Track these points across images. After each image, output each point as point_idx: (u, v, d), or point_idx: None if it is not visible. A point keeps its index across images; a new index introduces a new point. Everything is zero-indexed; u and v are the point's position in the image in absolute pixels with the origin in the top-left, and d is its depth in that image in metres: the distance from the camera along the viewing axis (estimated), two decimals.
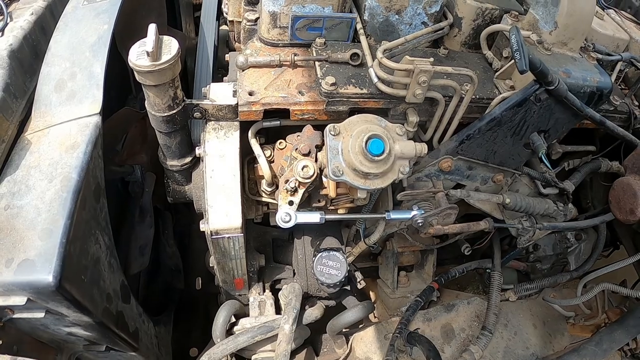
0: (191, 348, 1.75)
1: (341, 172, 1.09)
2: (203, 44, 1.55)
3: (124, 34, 1.44)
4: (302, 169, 1.15)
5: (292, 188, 1.16)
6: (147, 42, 1.13)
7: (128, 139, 1.41)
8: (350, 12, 1.32)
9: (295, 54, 1.26)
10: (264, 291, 1.43)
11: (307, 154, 1.18)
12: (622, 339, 1.43)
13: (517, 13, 1.39)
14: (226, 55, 1.53)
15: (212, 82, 1.39)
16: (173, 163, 1.30)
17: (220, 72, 1.67)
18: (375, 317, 1.73)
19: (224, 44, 1.78)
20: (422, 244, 1.52)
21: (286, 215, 1.14)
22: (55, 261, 1.00)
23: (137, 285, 1.53)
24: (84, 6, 1.38)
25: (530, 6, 1.38)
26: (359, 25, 1.30)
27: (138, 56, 1.13)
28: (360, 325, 1.53)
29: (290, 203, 1.17)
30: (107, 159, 1.31)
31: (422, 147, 1.15)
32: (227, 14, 1.59)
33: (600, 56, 1.45)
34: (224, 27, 1.77)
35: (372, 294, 1.81)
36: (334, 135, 1.10)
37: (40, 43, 1.36)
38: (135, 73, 1.14)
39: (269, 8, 1.26)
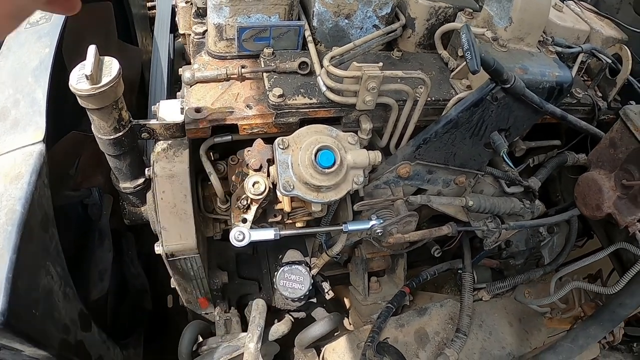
0: None
1: (292, 187, 1.06)
2: (157, 58, 1.52)
3: (73, 52, 1.40)
4: (253, 185, 1.12)
5: (245, 205, 1.14)
6: (86, 65, 1.09)
7: (81, 162, 1.38)
8: (299, 19, 1.28)
9: (242, 66, 1.22)
10: (230, 309, 1.40)
11: (259, 169, 1.15)
12: (597, 334, 1.41)
13: (471, 10, 1.36)
14: (179, 69, 1.49)
15: (168, 96, 1.35)
16: (126, 185, 1.27)
17: (177, 85, 1.64)
18: (350, 324, 1.71)
19: (181, 57, 1.74)
20: (390, 249, 1.49)
21: (239, 233, 1.12)
22: (1, 297, 0.97)
23: (104, 310, 1.50)
24: (26, 29, 1.34)
25: (484, 3, 1.35)
26: (307, 33, 1.27)
27: (78, 80, 1.10)
28: (336, 334, 1.51)
29: (244, 221, 1.14)
30: (60, 184, 1.27)
31: (376, 155, 1.13)
32: (179, 26, 1.55)
33: (560, 49, 1.42)
34: (179, 39, 1.73)
35: (346, 301, 1.79)
36: (282, 148, 1.07)
37: None
38: (77, 97, 1.11)
39: (214, 20, 1.23)
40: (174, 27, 1.67)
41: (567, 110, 1.34)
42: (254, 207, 1.14)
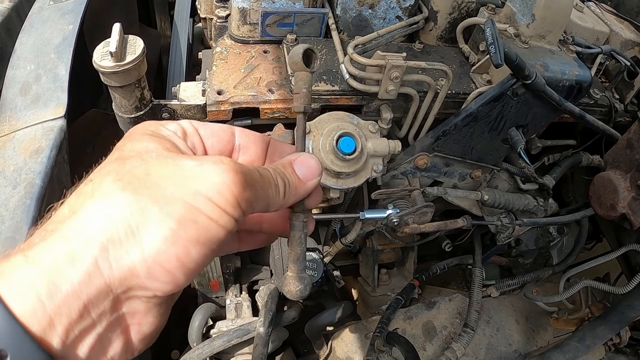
0: (172, 351, 1.73)
1: None
2: (176, 42, 1.52)
3: (94, 33, 1.40)
4: None
5: None
6: (111, 42, 1.10)
7: (99, 141, 1.38)
8: (323, 7, 1.28)
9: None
10: (241, 293, 1.40)
11: None
12: (605, 335, 1.41)
13: (494, 6, 1.36)
14: (199, 53, 1.49)
15: (186, 80, 1.36)
16: None
17: (195, 69, 1.64)
18: (358, 314, 1.71)
19: (199, 42, 1.75)
20: (402, 241, 1.49)
21: None
22: None
23: None
24: (50, 6, 1.35)
25: None
26: (331, 21, 1.27)
27: (102, 57, 1.10)
28: (347, 324, 1.51)
29: None
30: (78, 162, 1.27)
31: (396, 144, 1.13)
32: (200, 10, 1.55)
33: (579, 49, 1.42)
34: (198, 24, 1.73)
35: (354, 292, 1.79)
36: None
37: (6, 45, 1.33)
38: (100, 74, 1.11)
39: (239, 4, 1.23)
40: (193, 12, 1.67)
41: (584, 110, 1.34)
42: None
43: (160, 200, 0.39)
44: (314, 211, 1.27)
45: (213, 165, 0.42)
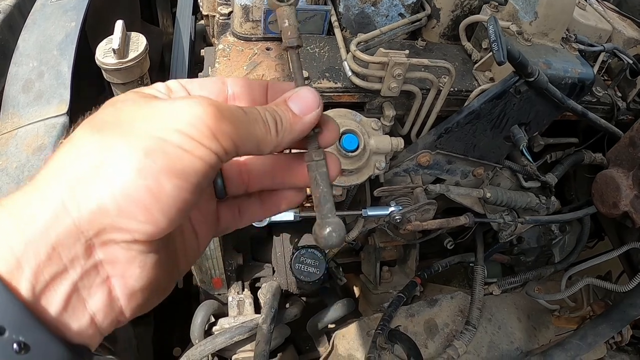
0: (174, 348, 1.73)
1: None
2: (178, 39, 1.52)
3: (96, 30, 1.40)
4: None
5: None
6: (114, 40, 1.10)
7: None
8: (325, 4, 1.28)
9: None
10: (243, 290, 1.41)
11: None
12: (606, 333, 1.41)
13: (496, 3, 1.36)
14: (202, 51, 1.49)
15: (188, 77, 1.36)
16: None
17: (197, 67, 1.64)
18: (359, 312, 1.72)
19: (202, 39, 1.75)
20: (404, 239, 1.50)
21: None
22: None
23: None
24: (52, 3, 1.34)
25: None
26: (333, 18, 1.27)
27: (105, 54, 1.11)
28: (348, 321, 1.52)
29: None
30: None
31: (399, 142, 1.13)
32: (202, 8, 1.55)
33: (582, 47, 1.42)
34: (200, 22, 1.73)
35: (355, 290, 1.79)
36: None
37: (9, 42, 1.33)
38: (102, 71, 1.11)
39: (241, 1, 1.23)
40: (195, 9, 1.67)
41: (586, 108, 1.34)
42: None
43: (128, 136, 0.37)
44: None
45: (185, 101, 0.39)
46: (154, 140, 0.37)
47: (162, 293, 0.46)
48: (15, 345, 0.33)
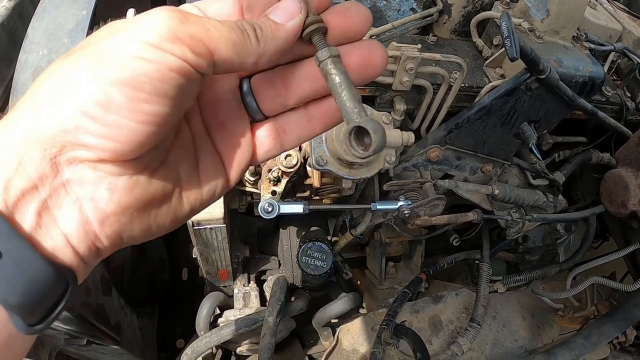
0: (178, 340, 1.73)
1: (325, 162, 1.06)
2: None
3: (106, 19, 1.40)
4: (285, 158, 1.12)
5: (275, 178, 1.14)
6: None
7: None
8: None
9: None
10: (249, 282, 1.40)
11: None
12: (611, 333, 1.41)
13: (508, 0, 1.36)
14: None
15: None
16: None
17: None
18: (363, 308, 1.71)
19: None
20: (411, 234, 1.49)
21: (269, 205, 1.11)
22: None
23: (120, 278, 1.50)
24: None
25: None
26: None
27: None
28: (353, 316, 1.51)
29: (273, 193, 1.14)
30: None
31: (409, 136, 1.13)
32: None
33: (592, 46, 1.42)
34: None
35: (360, 285, 1.79)
36: None
37: (18, 29, 1.33)
38: None
39: None
40: None
41: (596, 107, 1.34)
42: (284, 180, 1.15)
43: (88, 54, 0.37)
44: (326, 201, 1.27)
45: (150, 11, 0.37)
46: (106, 50, 0.36)
47: (155, 228, 0.43)
48: None
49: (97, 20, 1.36)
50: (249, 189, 1.29)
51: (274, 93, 0.47)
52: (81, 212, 0.38)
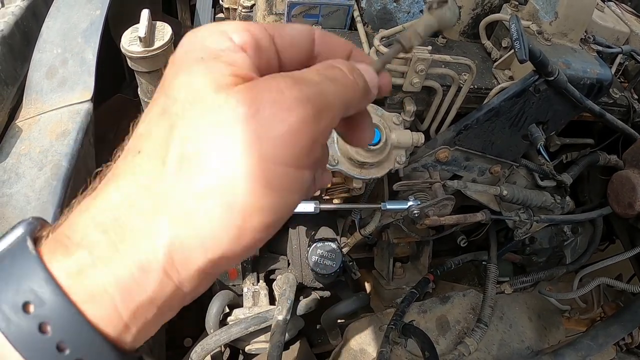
0: (185, 338, 1.74)
1: (336, 161, 1.07)
2: None
3: (118, 20, 1.42)
4: None
5: None
6: (140, 28, 1.11)
7: (120, 128, 1.39)
8: None
9: None
10: (258, 281, 1.41)
11: None
12: (617, 334, 1.42)
13: (517, 3, 1.37)
14: None
15: None
16: None
17: None
18: (371, 307, 1.72)
19: None
20: (418, 235, 1.50)
21: None
22: None
23: None
24: None
25: None
26: (356, 13, 1.28)
27: (130, 42, 1.12)
28: (361, 316, 1.52)
29: None
30: (100, 147, 1.28)
31: (419, 137, 1.14)
32: (222, 1, 1.56)
33: (600, 48, 1.43)
34: (220, 14, 1.74)
35: (367, 285, 1.80)
36: None
37: (32, 29, 1.34)
38: (127, 59, 1.12)
39: None
40: (215, 2, 1.68)
41: (603, 109, 1.35)
42: None
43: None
44: (336, 201, 1.28)
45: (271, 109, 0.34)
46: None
47: None
48: None
49: (109, 21, 1.38)
50: None
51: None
52: None
